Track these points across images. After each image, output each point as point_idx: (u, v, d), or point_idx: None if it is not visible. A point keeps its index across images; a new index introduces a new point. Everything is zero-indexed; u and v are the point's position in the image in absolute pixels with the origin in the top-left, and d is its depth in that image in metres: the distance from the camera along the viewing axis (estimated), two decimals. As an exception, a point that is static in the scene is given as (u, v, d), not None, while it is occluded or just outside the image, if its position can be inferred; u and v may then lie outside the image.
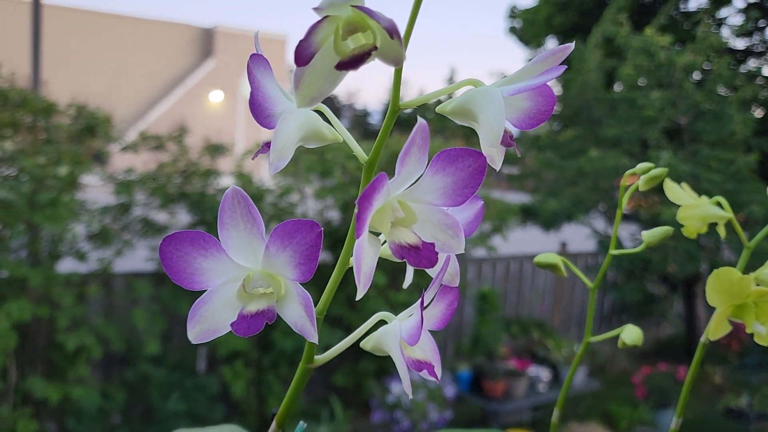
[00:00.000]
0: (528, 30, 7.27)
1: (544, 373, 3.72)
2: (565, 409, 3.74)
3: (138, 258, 3.27)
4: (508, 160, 5.62)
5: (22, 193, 2.43)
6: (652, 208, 4.31)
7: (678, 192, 0.66)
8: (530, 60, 0.42)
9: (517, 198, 5.21)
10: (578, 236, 5.23)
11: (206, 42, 22.40)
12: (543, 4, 7.07)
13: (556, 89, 6.07)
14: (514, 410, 3.62)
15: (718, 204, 0.65)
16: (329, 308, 2.11)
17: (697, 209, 0.64)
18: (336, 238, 3.60)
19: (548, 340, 4.08)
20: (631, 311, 5.44)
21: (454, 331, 4.57)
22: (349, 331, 3.36)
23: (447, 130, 4.62)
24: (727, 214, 0.64)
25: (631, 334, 0.60)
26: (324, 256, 3.71)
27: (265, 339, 3.42)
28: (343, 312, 3.53)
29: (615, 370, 5.11)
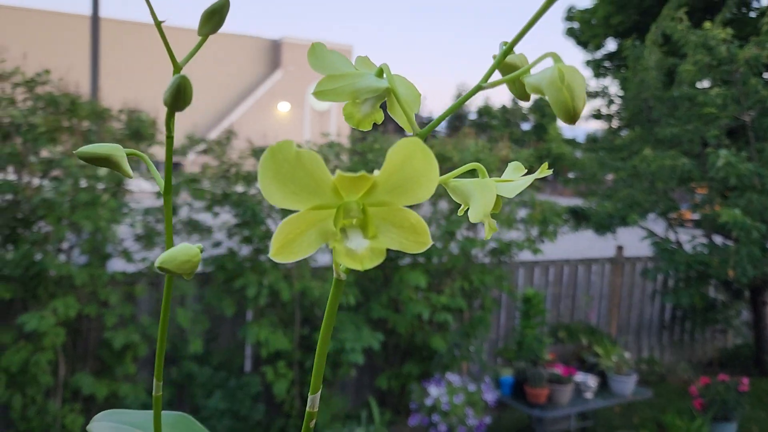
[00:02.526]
0: (586, 31, 7.09)
1: (591, 381, 3.58)
2: (617, 418, 3.61)
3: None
4: (559, 163, 5.48)
5: (62, 192, 2.53)
6: (712, 209, 4.11)
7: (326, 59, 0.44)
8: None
9: (570, 203, 5.07)
10: (635, 240, 5.04)
11: (274, 53, 22.95)
12: (601, 4, 6.88)
13: (613, 89, 5.89)
14: (559, 418, 3.50)
15: (381, 74, 0.44)
16: (372, 311, 2.13)
17: (345, 80, 0.44)
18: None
19: (598, 346, 3.93)
20: (693, 318, 5.20)
21: (496, 335, 4.48)
22: (392, 333, 3.34)
23: (492, 129, 4.56)
24: (386, 84, 0.44)
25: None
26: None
27: (307, 340, 3.43)
28: (388, 314, 3.51)
29: (675, 380, 4.89)
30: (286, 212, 0.37)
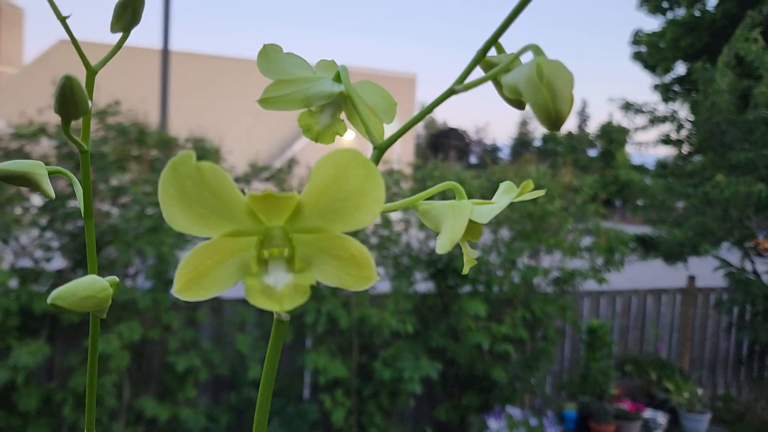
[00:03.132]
0: (654, 54, 6.93)
1: (661, 418, 3.41)
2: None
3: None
4: (627, 190, 5.31)
5: (129, 219, 2.61)
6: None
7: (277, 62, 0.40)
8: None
9: (638, 231, 4.90)
10: (707, 269, 4.82)
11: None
12: (669, 26, 6.72)
13: (683, 113, 5.70)
14: (628, 456, 3.34)
15: (338, 79, 0.40)
16: (431, 339, 2.06)
17: (297, 86, 0.39)
18: (438, 269, 3.54)
19: (668, 381, 3.75)
20: (774, 354, 4.91)
21: (560, 367, 4.33)
22: (451, 363, 3.28)
23: (557, 156, 4.48)
24: (340, 88, 0.39)
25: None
26: (427, 286, 3.67)
27: (365, 368, 3.41)
28: (447, 344, 3.45)
29: (754, 420, 4.60)
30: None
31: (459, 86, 0.34)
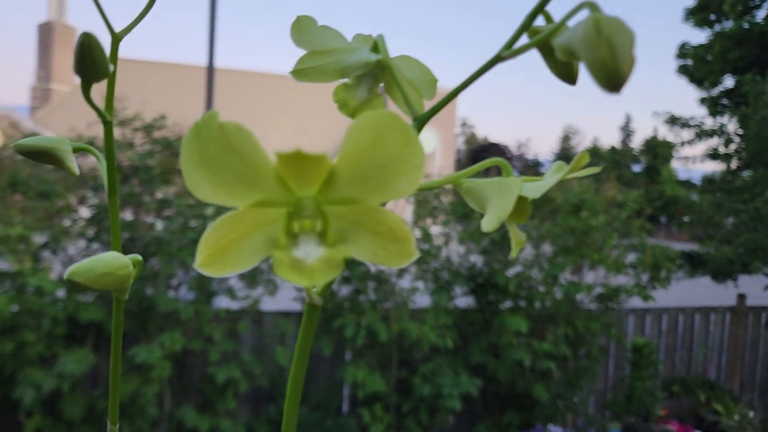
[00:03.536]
0: (701, 67, 6.78)
1: (710, 441, 3.30)
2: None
3: (285, 297, 3.40)
4: (672, 206, 5.19)
5: (172, 231, 2.66)
6: None
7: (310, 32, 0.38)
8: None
9: (685, 248, 4.78)
10: (758, 288, 4.66)
11: (385, 98, 23.60)
12: (717, 39, 6.57)
13: (732, 127, 5.56)
14: (677, 480, 3.24)
15: (375, 48, 0.37)
16: (471, 355, 2.01)
17: (332, 57, 0.37)
18: (478, 283, 3.51)
19: (717, 403, 3.62)
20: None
21: (604, 386, 4.22)
22: (492, 379, 3.23)
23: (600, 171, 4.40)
24: (377, 57, 0.36)
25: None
26: (467, 300, 3.63)
27: (404, 383, 3.38)
28: (487, 360, 3.40)
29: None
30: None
31: (506, 52, 0.32)
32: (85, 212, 3.05)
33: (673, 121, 5.45)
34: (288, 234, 0.28)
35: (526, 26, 0.32)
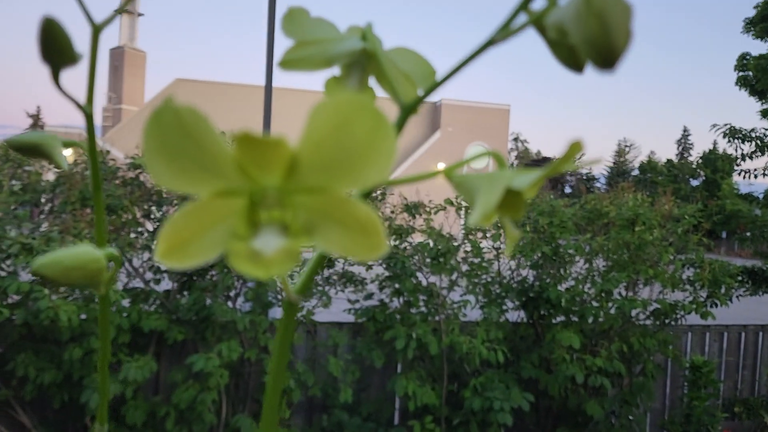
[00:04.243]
0: (762, 79, 6.58)
1: (773, 463, 3.18)
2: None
3: (338, 309, 3.47)
4: (734, 221, 5.05)
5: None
6: None
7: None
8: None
9: (747, 264, 4.64)
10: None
11: (434, 115, 23.76)
12: (780, 49, 6.38)
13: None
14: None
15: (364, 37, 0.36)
16: (522, 370, 2.04)
17: (319, 46, 0.36)
18: (530, 297, 3.49)
19: (781, 424, 3.50)
20: None
21: (661, 404, 4.12)
22: (543, 395, 3.20)
23: (656, 185, 4.32)
24: (363, 45, 0.35)
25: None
26: (519, 314, 3.62)
27: (455, 396, 3.39)
28: (539, 375, 3.38)
29: None
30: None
31: (498, 35, 0.31)
32: (149, 226, 3.19)
33: (733, 133, 5.31)
34: (248, 224, 0.27)
35: (523, 7, 0.30)
